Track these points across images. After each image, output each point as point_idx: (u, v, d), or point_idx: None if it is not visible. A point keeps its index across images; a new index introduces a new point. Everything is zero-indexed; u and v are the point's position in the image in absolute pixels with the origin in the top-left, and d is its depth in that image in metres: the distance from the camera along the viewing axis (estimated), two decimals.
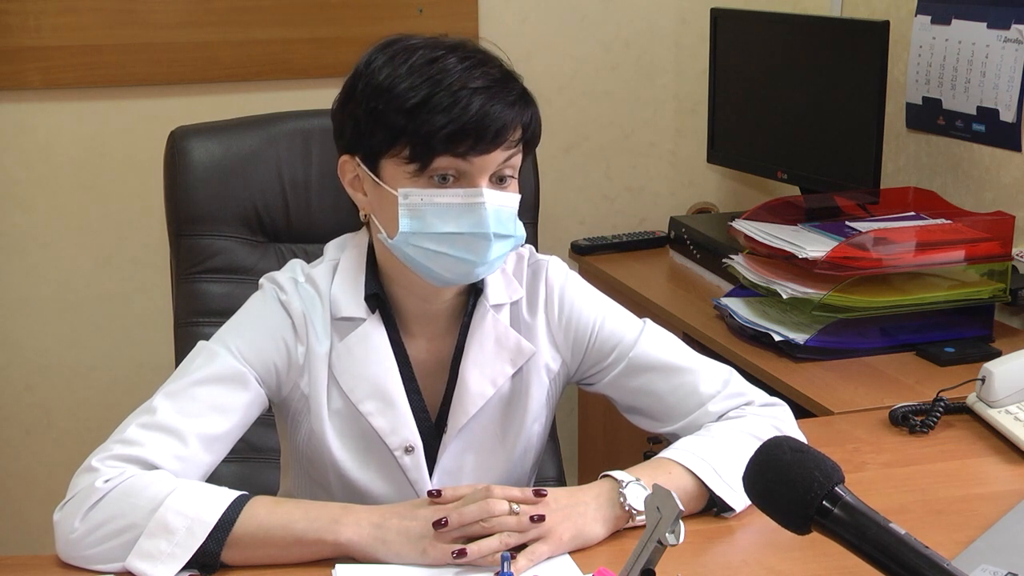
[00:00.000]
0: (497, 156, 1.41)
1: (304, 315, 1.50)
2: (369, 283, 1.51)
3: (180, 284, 1.92)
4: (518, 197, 1.46)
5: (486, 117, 1.38)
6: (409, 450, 1.51)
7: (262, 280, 1.55)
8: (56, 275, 2.83)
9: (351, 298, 1.51)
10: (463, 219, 1.41)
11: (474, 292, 1.54)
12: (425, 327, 1.55)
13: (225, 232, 1.91)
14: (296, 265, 1.55)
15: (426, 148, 1.39)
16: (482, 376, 1.53)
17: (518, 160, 1.45)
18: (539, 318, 1.57)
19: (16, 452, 2.91)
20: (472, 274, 1.46)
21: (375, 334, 1.51)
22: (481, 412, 1.54)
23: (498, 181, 1.43)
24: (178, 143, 1.92)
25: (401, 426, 1.51)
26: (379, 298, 1.51)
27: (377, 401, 1.50)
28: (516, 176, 1.46)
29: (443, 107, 1.37)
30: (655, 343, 1.58)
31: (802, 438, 1.49)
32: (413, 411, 1.52)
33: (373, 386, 1.50)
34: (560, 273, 1.60)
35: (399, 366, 1.51)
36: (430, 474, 1.53)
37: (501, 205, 1.42)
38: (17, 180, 2.77)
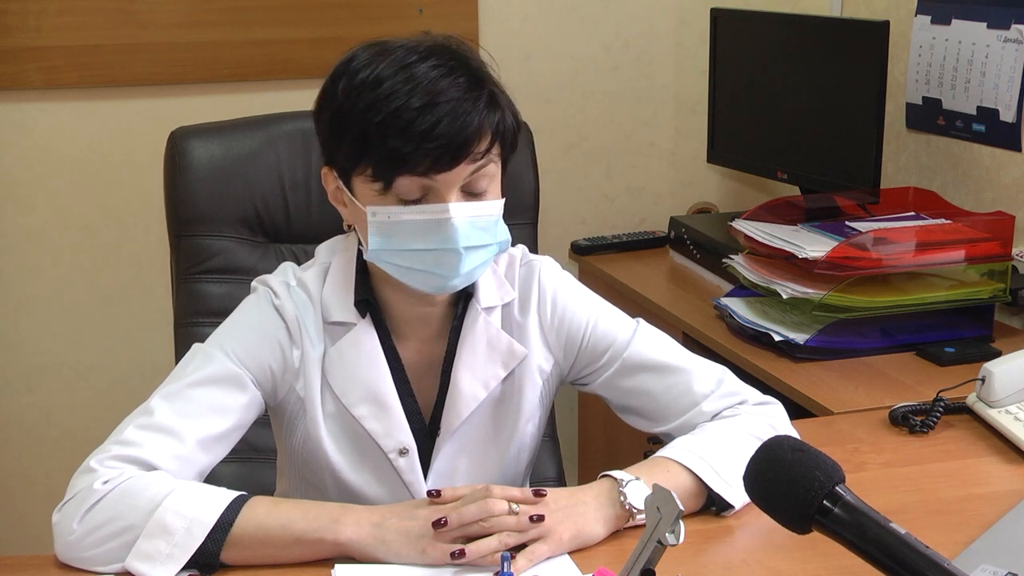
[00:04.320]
0: (462, 170, 1.38)
1: (298, 319, 1.49)
2: (359, 288, 1.51)
3: (180, 284, 1.92)
4: (498, 204, 1.44)
5: (444, 135, 1.35)
6: (403, 452, 1.51)
7: (254, 283, 1.54)
8: (56, 275, 2.83)
9: (341, 303, 1.51)
10: (431, 236, 1.40)
11: (465, 295, 1.54)
12: (416, 330, 1.54)
13: (225, 232, 1.91)
14: (287, 268, 1.55)
15: (387, 169, 1.37)
16: (474, 379, 1.53)
17: (493, 168, 1.42)
18: (532, 319, 1.57)
19: (16, 452, 2.91)
20: (446, 287, 1.45)
21: (366, 338, 1.50)
22: (474, 414, 1.54)
23: (472, 187, 1.41)
24: (178, 143, 1.92)
25: (395, 429, 1.51)
26: (369, 302, 1.51)
27: (370, 405, 1.50)
28: (497, 182, 1.44)
29: (400, 127, 1.35)
30: (648, 343, 1.57)
31: (797, 436, 1.49)
32: (406, 413, 1.51)
33: (366, 390, 1.50)
34: (553, 274, 1.59)
35: (392, 369, 1.51)
36: (425, 476, 1.53)
37: (473, 217, 1.40)
38: (17, 180, 2.77)
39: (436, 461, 1.54)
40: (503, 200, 1.45)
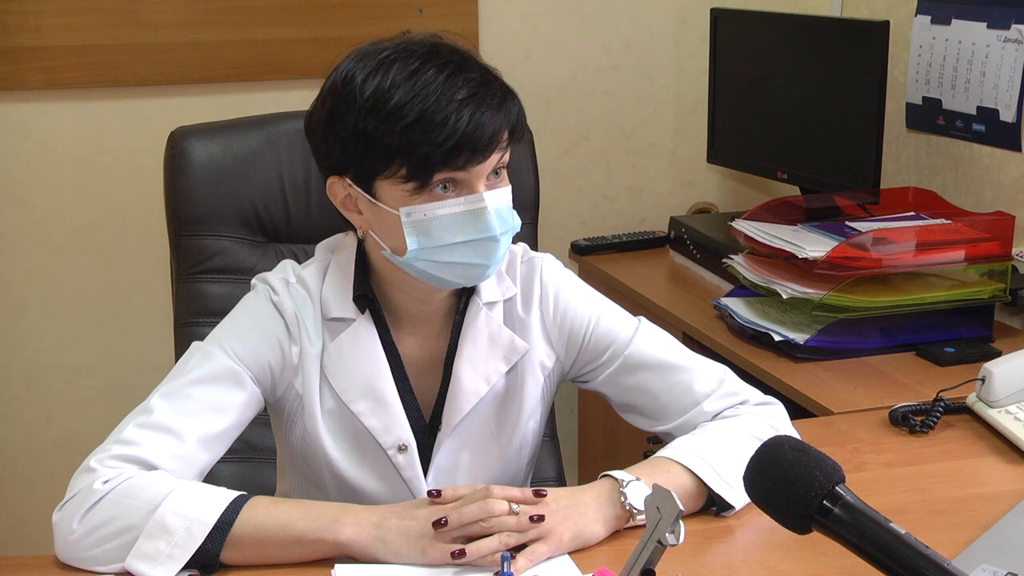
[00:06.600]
0: (492, 160, 1.42)
1: (296, 316, 1.50)
2: (358, 284, 1.51)
3: (180, 284, 1.92)
4: (510, 188, 1.47)
5: (478, 128, 1.38)
6: (402, 449, 1.51)
7: (254, 281, 1.55)
8: (56, 275, 2.83)
9: (341, 299, 1.51)
10: (469, 226, 1.42)
11: (466, 290, 1.54)
12: (417, 326, 1.55)
13: (225, 232, 1.91)
14: (287, 266, 1.55)
15: (424, 167, 1.39)
16: (476, 374, 1.53)
17: (508, 154, 1.46)
18: (533, 315, 1.57)
19: (16, 452, 2.91)
20: (484, 275, 1.47)
21: (365, 334, 1.51)
22: (475, 410, 1.54)
23: (492, 175, 1.44)
24: (178, 143, 1.92)
25: (393, 425, 1.51)
26: (368, 298, 1.51)
27: (369, 401, 1.50)
28: (505, 169, 1.47)
29: (435, 124, 1.37)
30: (650, 341, 1.58)
31: (797, 436, 1.49)
32: (406, 410, 1.52)
33: (364, 386, 1.50)
34: (555, 271, 1.60)
35: (391, 365, 1.52)
36: (425, 472, 1.53)
37: (500, 203, 1.43)
38: (17, 180, 2.77)
39: (437, 457, 1.54)
40: (511, 186, 1.47)
